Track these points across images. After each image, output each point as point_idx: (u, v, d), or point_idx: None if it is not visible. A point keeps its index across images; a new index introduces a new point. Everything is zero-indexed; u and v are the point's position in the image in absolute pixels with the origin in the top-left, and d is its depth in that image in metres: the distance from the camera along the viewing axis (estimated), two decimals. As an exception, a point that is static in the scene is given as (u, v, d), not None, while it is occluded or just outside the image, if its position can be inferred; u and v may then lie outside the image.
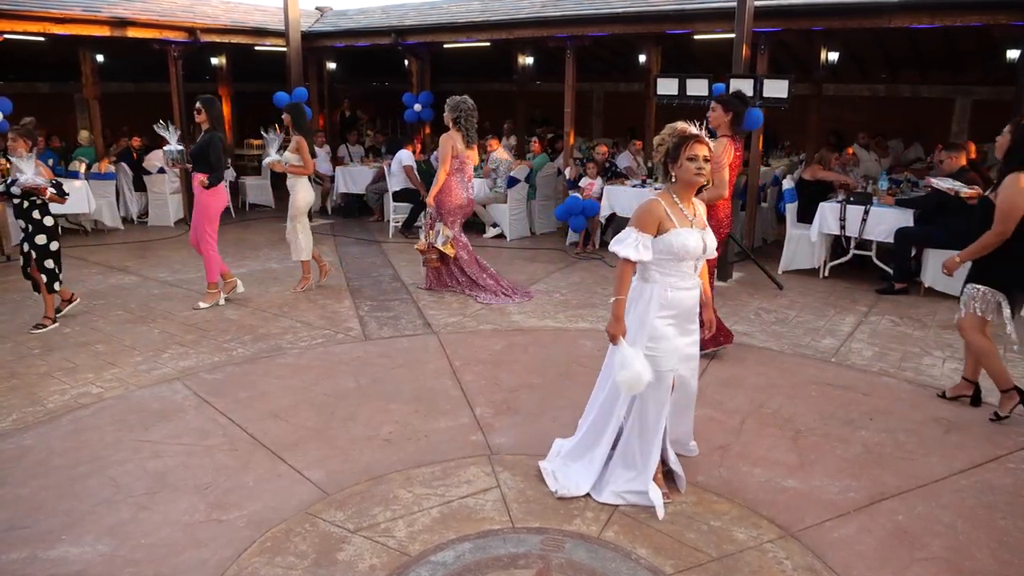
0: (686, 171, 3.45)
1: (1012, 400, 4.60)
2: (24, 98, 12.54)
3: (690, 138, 3.46)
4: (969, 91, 12.84)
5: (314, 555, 3.23)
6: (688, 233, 3.46)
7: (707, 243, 3.52)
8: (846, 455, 4.16)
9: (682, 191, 3.53)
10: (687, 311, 3.59)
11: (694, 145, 3.44)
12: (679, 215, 3.49)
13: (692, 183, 3.49)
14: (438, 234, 7.23)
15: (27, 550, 3.27)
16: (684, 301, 3.55)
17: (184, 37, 10.54)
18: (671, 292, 3.50)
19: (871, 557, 3.26)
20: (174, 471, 3.94)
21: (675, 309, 3.54)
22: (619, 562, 3.19)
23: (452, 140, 7.09)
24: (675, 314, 3.55)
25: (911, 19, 7.66)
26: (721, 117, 5.34)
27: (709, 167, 3.49)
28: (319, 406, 4.75)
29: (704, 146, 3.47)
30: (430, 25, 11.28)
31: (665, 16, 9.10)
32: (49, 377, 5.21)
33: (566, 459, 3.89)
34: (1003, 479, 3.92)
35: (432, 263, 7.36)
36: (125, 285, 7.63)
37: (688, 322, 3.63)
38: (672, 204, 3.50)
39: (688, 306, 3.58)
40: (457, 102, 7.11)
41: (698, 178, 3.46)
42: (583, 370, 5.38)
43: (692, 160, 3.44)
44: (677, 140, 3.48)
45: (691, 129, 3.51)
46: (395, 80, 17.13)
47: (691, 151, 3.44)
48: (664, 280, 3.51)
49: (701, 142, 3.47)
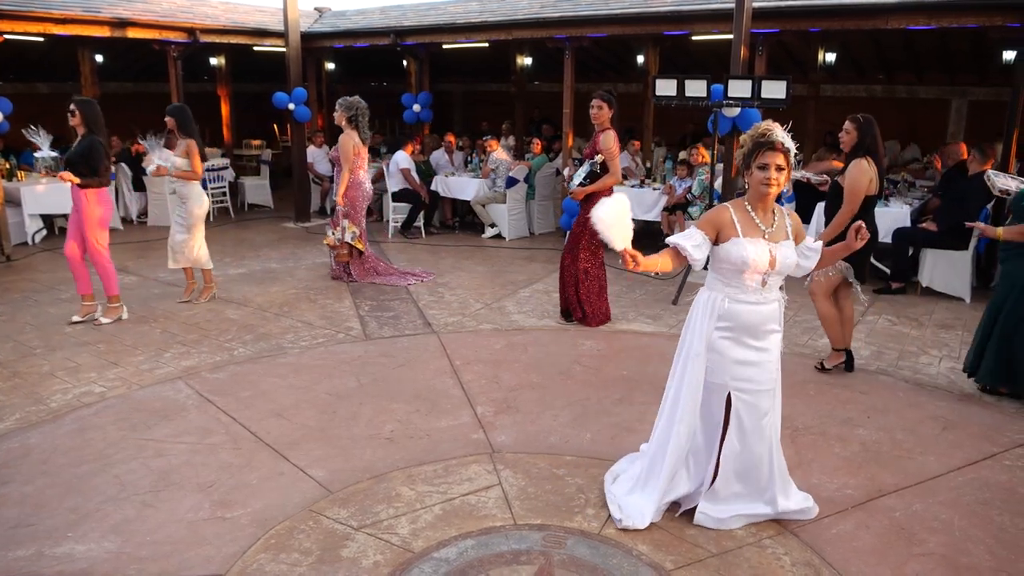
0: (755, 180, 3.22)
1: (839, 358, 5.39)
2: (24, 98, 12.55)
3: (764, 144, 3.18)
4: (965, 92, 12.90)
5: (318, 552, 3.27)
6: (751, 244, 3.21)
7: (778, 258, 3.24)
8: (844, 453, 4.20)
9: (755, 200, 3.28)
10: (748, 326, 3.30)
11: (766, 153, 3.17)
12: (748, 224, 3.26)
13: (761, 193, 3.23)
14: (344, 231, 7.51)
15: (33, 547, 3.30)
16: (744, 315, 3.28)
17: (183, 37, 10.57)
18: (728, 303, 3.29)
19: (869, 553, 3.29)
20: (178, 469, 3.97)
21: (732, 321, 3.29)
22: (620, 558, 3.22)
23: (352, 139, 7.34)
24: (731, 326, 3.30)
25: (908, 20, 7.71)
26: (608, 112, 6.03)
27: (784, 176, 3.20)
28: (321, 405, 4.79)
29: (779, 154, 3.17)
30: (429, 26, 11.31)
31: (663, 17, 9.13)
32: (51, 376, 5.23)
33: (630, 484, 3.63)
34: (999, 476, 3.97)
35: (343, 258, 7.70)
36: (126, 285, 7.64)
37: (750, 338, 3.32)
38: (743, 212, 3.28)
39: (749, 321, 3.29)
40: (351, 102, 7.43)
41: (765, 188, 3.19)
42: (583, 369, 5.42)
43: (763, 169, 3.19)
44: (751, 145, 3.23)
45: (774, 132, 3.20)
46: (394, 80, 17.18)
47: (762, 159, 3.18)
48: (723, 290, 3.31)
49: (776, 150, 3.17)
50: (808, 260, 3.42)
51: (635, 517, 3.45)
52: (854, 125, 5.15)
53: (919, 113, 13.03)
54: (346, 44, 12.59)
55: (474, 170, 11.04)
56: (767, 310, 3.32)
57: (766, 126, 3.22)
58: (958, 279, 7.22)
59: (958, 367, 5.47)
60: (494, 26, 10.56)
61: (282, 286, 7.70)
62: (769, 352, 3.36)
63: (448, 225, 11.21)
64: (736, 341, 3.32)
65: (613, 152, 5.93)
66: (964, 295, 7.19)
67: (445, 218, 11.24)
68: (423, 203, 10.33)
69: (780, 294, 3.38)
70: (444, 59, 13.68)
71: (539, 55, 13.04)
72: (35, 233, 9.53)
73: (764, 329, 3.33)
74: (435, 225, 10.95)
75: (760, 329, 3.32)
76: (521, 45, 12.22)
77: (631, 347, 5.92)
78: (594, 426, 4.52)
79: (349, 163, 7.36)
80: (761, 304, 3.30)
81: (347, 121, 7.41)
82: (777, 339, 3.40)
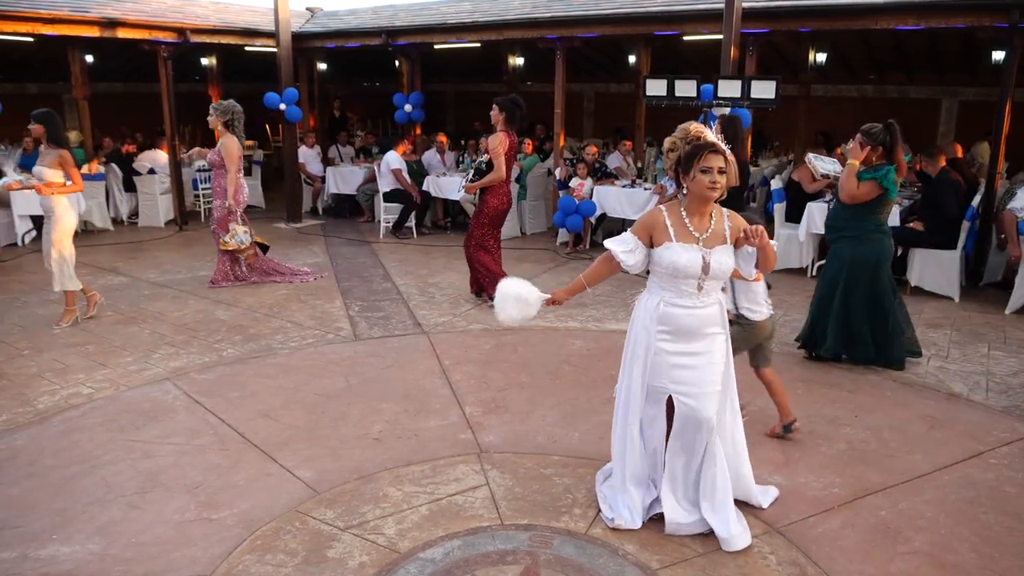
0: (698, 184, 3.15)
1: None
2: (13, 99, 12.49)
3: (704, 147, 3.14)
4: (955, 92, 12.96)
5: (304, 553, 3.26)
6: (682, 250, 3.19)
7: (711, 263, 3.19)
8: (830, 452, 4.22)
9: (693, 205, 3.24)
10: (686, 330, 3.29)
11: (708, 156, 3.13)
12: (681, 230, 3.23)
13: (705, 197, 3.18)
14: (235, 234, 7.50)
15: (18, 549, 3.28)
16: (681, 319, 3.27)
17: (174, 38, 10.52)
18: (663, 307, 3.29)
19: (854, 551, 3.31)
20: (165, 471, 3.96)
21: (669, 325, 3.29)
22: (606, 558, 3.23)
23: (235, 142, 7.37)
24: (670, 330, 3.30)
25: (897, 20, 7.74)
26: (497, 116, 6.61)
27: (725, 179, 3.15)
28: (309, 406, 4.78)
29: (720, 156, 3.14)
30: (420, 26, 11.30)
31: (653, 17, 9.15)
32: (39, 378, 5.21)
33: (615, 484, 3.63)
34: (985, 474, 3.98)
35: (251, 259, 7.69)
36: (115, 286, 7.63)
37: (689, 341, 3.31)
38: (677, 217, 3.25)
39: (687, 325, 3.28)
40: (227, 106, 7.46)
41: (711, 192, 3.14)
42: (572, 369, 5.42)
43: (706, 172, 3.13)
44: (690, 149, 3.17)
45: (707, 135, 3.18)
46: (386, 80, 17.16)
47: (705, 162, 3.12)
48: (660, 294, 3.32)
49: (717, 152, 3.14)
50: (748, 262, 3.34)
51: (625, 516, 3.45)
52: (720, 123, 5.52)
53: (909, 113, 13.08)
54: (337, 44, 12.56)
55: (466, 170, 11.03)
56: (705, 314, 3.29)
57: (696, 128, 3.20)
58: (946, 278, 7.25)
59: (947, 366, 5.51)
60: (485, 26, 10.56)
61: (272, 287, 7.68)
62: (710, 355, 3.33)
63: (440, 225, 11.20)
64: (675, 344, 3.31)
65: (498, 152, 6.56)
66: (953, 294, 7.22)
67: (437, 218, 11.24)
68: (415, 203, 10.32)
69: (721, 296, 3.37)
70: (436, 59, 13.66)
71: (531, 55, 13.04)
72: (24, 234, 9.49)
73: (704, 332, 3.31)
74: (427, 225, 10.94)
75: (699, 332, 3.30)
76: (513, 45, 12.21)
77: (620, 347, 5.84)
78: (582, 426, 4.52)
79: (237, 165, 7.37)
80: (698, 308, 3.27)
81: (224, 125, 7.39)
82: (719, 341, 3.36)
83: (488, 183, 6.72)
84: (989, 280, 7.83)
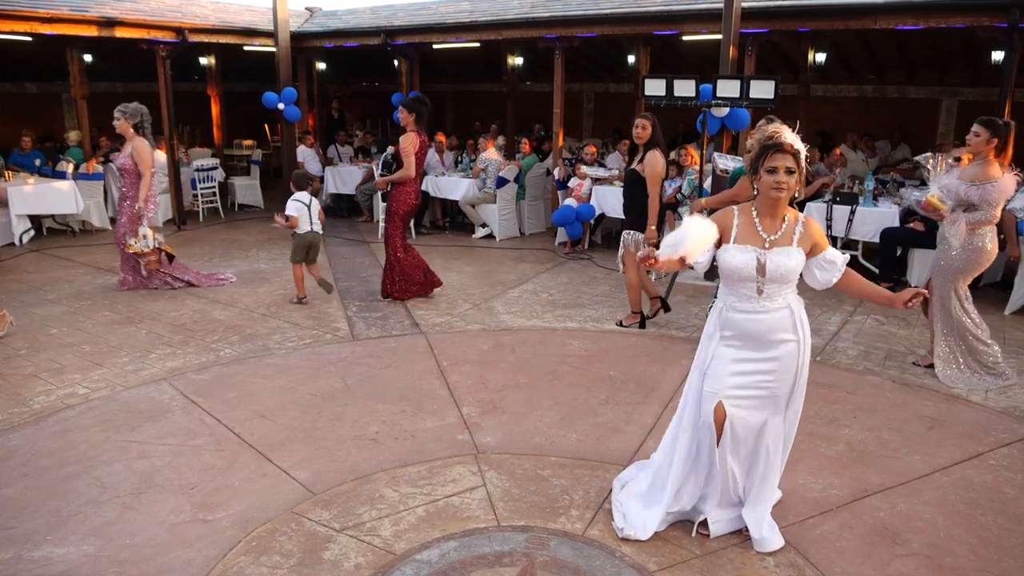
0: (764, 184, 3.06)
1: (635, 319, 6.37)
2: (12, 98, 12.48)
3: (771, 147, 3.04)
4: (955, 92, 12.92)
5: (300, 554, 3.24)
6: (738, 251, 3.10)
7: (769, 266, 3.07)
8: (829, 453, 4.20)
9: (763, 206, 3.13)
10: (750, 335, 3.17)
11: (775, 155, 3.03)
12: (748, 230, 3.13)
13: (772, 198, 3.07)
14: (144, 237, 7.27)
15: (12, 550, 3.26)
16: (742, 324, 3.15)
17: (172, 37, 10.50)
18: (727, 311, 3.20)
19: (853, 553, 3.29)
20: (161, 471, 3.94)
21: (733, 330, 3.19)
22: (603, 559, 3.21)
23: (147, 146, 7.22)
24: (734, 335, 3.20)
25: (896, 20, 7.72)
26: (407, 117, 6.83)
27: (794, 179, 3.04)
28: (306, 406, 4.76)
29: (788, 156, 3.02)
30: (419, 26, 11.28)
31: (652, 17, 9.13)
32: (35, 378, 5.20)
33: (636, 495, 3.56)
34: (984, 476, 3.97)
35: (152, 264, 7.44)
36: (112, 286, 7.60)
37: (755, 348, 3.18)
38: (747, 217, 3.15)
39: (749, 330, 3.15)
40: (135, 109, 7.26)
41: (776, 193, 3.03)
42: (570, 370, 5.40)
43: (771, 172, 3.03)
44: (758, 148, 3.09)
45: (782, 134, 3.06)
46: (385, 80, 17.14)
47: (771, 162, 3.03)
48: (725, 298, 3.22)
49: (784, 151, 3.02)
50: (826, 273, 3.20)
51: (637, 527, 3.38)
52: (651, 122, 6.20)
53: (910, 113, 13.06)
54: (336, 44, 12.55)
55: (464, 170, 11.02)
56: (769, 319, 3.14)
57: (774, 128, 3.11)
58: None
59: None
60: (484, 26, 10.54)
61: (270, 287, 7.67)
62: (776, 361, 3.18)
63: (438, 225, 11.18)
64: (738, 350, 3.21)
65: (408, 151, 6.83)
66: (952, 295, 7.18)
67: (436, 218, 11.22)
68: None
69: (789, 300, 3.18)
70: (435, 59, 13.65)
71: (530, 55, 13.02)
72: (23, 234, 9.45)
73: (770, 339, 3.16)
74: (425, 225, 10.93)
75: (765, 339, 3.16)
76: (512, 45, 12.18)
77: (618, 347, 5.91)
78: (580, 427, 4.51)
79: (150, 169, 7.20)
80: (760, 313, 3.13)
81: (133, 128, 7.18)
82: (790, 348, 3.18)
83: (398, 179, 6.91)
84: (988, 280, 7.81)
